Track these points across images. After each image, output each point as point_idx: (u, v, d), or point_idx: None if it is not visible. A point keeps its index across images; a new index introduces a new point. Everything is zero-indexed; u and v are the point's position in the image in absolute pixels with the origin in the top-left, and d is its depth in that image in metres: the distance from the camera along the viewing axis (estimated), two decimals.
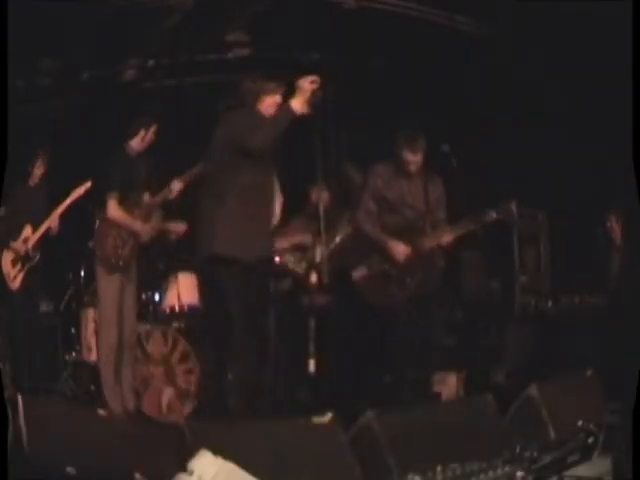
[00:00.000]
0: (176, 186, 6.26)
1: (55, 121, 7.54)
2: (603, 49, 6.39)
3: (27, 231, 6.68)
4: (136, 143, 6.32)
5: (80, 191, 6.44)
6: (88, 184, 6.40)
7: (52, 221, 6.59)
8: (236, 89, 5.43)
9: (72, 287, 7.20)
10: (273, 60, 7.37)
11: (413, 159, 6.10)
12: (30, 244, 6.64)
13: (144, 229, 6.34)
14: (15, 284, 6.63)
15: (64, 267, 7.25)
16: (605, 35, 6.22)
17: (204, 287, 6.83)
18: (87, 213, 6.53)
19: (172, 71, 7.42)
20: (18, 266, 6.63)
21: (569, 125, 7.30)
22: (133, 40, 6.84)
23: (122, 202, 6.26)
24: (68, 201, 6.52)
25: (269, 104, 5.30)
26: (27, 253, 6.62)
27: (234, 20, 6.73)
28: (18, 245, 6.64)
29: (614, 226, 7.15)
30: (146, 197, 6.37)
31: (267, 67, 7.38)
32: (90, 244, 6.42)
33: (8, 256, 6.66)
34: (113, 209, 6.24)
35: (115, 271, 6.25)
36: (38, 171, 6.76)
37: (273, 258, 6.76)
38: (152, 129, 6.32)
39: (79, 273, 7.09)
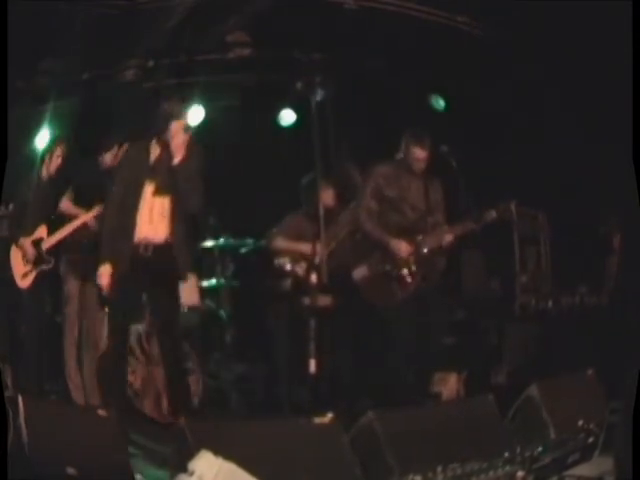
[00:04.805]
0: None
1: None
2: (603, 49, 6.39)
3: (41, 231, 6.65)
4: (108, 158, 6.39)
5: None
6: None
7: (68, 230, 6.56)
8: None
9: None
10: (273, 60, 7.37)
11: (421, 156, 6.13)
12: (45, 247, 6.61)
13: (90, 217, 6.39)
14: (25, 282, 6.60)
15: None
16: (605, 35, 6.22)
17: None
18: None
19: (172, 71, 7.41)
20: (30, 265, 6.60)
21: (569, 125, 7.29)
22: (133, 40, 6.83)
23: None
24: (81, 220, 6.50)
25: None
26: (41, 254, 6.60)
27: (234, 20, 6.72)
28: (30, 243, 6.61)
29: (614, 226, 7.15)
30: None
31: (267, 67, 7.42)
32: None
33: (18, 253, 6.63)
34: (64, 203, 6.48)
35: (74, 270, 6.38)
36: (52, 166, 6.75)
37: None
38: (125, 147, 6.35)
39: None
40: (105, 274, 5.38)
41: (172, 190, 5.37)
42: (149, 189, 5.39)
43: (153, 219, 5.37)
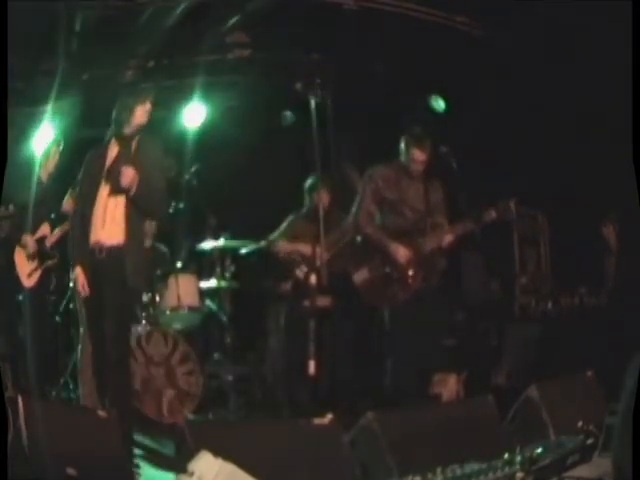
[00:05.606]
0: None
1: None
2: (603, 49, 6.39)
3: (44, 229, 6.68)
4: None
5: None
6: None
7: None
8: None
9: (71, 287, 7.20)
10: (273, 60, 7.36)
11: (421, 158, 6.13)
12: (49, 242, 6.63)
13: None
14: (31, 281, 6.61)
15: (63, 267, 7.24)
16: (605, 35, 6.22)
17: None
18: None
19: (172, 71, 7.41)
20: (35, 263, 6.61)
21: (569, 125, 7.29)
22: (133, 40, 6.83)
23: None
24: None
25: None
26: (45, 250, 6.62)
27: (234, 20, 6.72)
28: (34, 242, 6.61)
29: (613, 227, 7.15)
30: None
31: (267, 67, 7.42)
32: None
33: (22, 252, 6.63)
34: (67, 203, 6.48)
35: None
36: (53, 166, 6.77)
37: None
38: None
39: None
40: (79, 276, 5.32)
41: (125, 190, 5.24)
42: (104, 190, 5.31)
43: (106, 221, 5.29)
